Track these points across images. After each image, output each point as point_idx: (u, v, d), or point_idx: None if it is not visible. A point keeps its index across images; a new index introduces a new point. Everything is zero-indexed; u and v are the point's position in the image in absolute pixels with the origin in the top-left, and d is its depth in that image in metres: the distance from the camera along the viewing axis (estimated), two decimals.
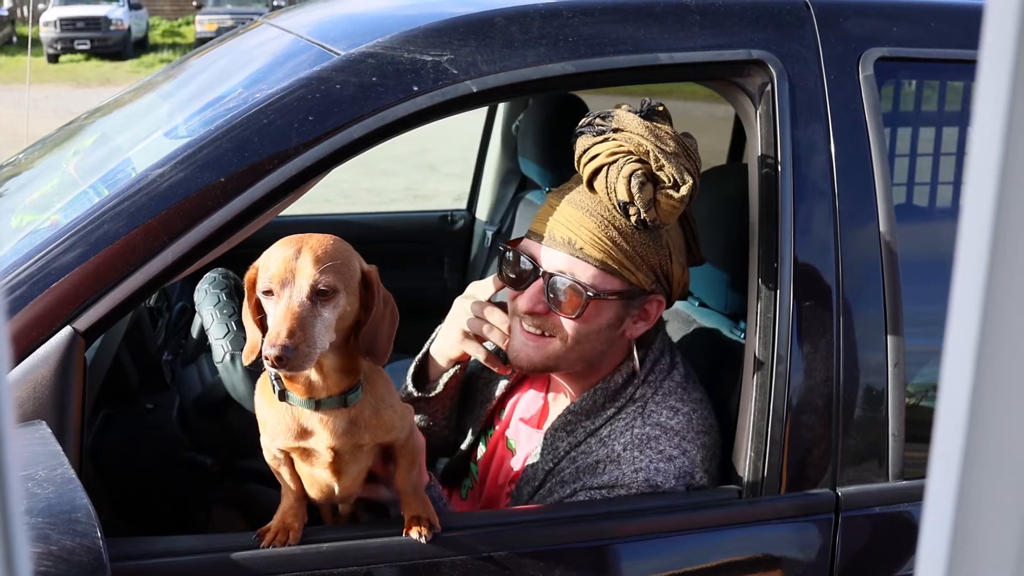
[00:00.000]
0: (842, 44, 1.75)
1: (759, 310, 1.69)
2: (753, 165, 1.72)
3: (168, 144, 1.71)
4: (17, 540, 0.38)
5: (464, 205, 3.90)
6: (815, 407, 1.68)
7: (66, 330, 1.47)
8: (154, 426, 2.10)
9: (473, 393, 1.98)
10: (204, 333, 1.98)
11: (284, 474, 1.54)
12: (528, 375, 1.90)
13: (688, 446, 1.67)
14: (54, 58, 22.88)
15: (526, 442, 1.84)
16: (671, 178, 1.59)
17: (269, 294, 1.39)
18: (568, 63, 1.65)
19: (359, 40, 1.67)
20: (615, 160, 1.61)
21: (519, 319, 1.71)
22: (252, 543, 1.48)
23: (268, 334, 1.34)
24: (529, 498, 1.74)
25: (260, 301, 1.42)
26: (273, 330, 1.33)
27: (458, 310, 1.83)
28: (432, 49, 1.63)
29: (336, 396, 1.45)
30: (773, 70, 1.70)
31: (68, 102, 14.30)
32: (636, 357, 1.72)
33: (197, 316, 2.08)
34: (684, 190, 1.59)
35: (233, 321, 1.91)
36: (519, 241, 1.75)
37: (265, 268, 1.40)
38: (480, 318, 1.78)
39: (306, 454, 1.49)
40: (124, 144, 2.05)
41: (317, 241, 1.40)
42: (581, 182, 1.68)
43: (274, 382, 1.47)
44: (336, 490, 1.54)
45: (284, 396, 1.46)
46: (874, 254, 1.71)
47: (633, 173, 1.59)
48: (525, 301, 1.68)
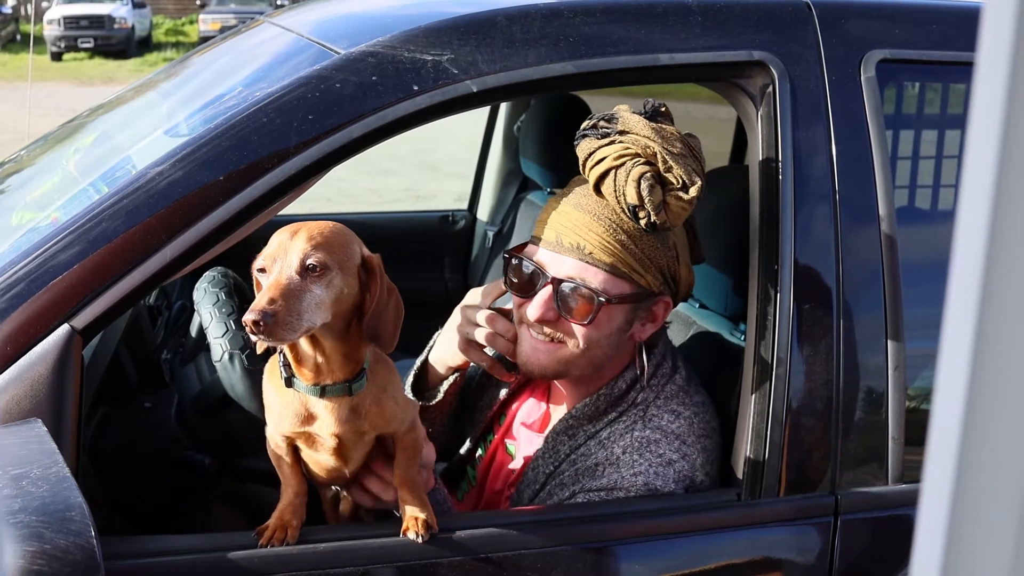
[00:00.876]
0: (844, 46, 1.74)
1: (759, 312, 1.68)
2: (754, 167, 1.71)
3: (169, 142, 1.70)
4: None
5: (465, 205, 3.90)
6: (815, 410, 1.68)
7: (64, 328, 1.47)
8: (153, 425, 2.09)
9: (472, 398, 1.96)
10: (203, 332, 1.98)
11: (285, 467, 1.55)
12: (529, 381, 1.89)
13: (688, 450, 1.67)
14: (58, 56, 22.89)
15: (527, 446, 1.83)
16: (680, 180, 1.58)
17: (263, 272, 1.41)
18: (569, 63, 1.64)
19: (359, 39, 1.67)
20: (622, 163, 1.59)
21: (527, 327, 1.69)
22: (249, 542, 1.48)
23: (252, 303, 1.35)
24: (529, 501, 1.73)
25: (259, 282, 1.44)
26: (257, 299, 1.35)
27: (459, 318, 1.80)
28: (432, 48, 1.62)
29: (341, 383, 1.46)
30: (774, 71, 1.70)
31: (71, 100, 14.32)
32: (644, 360, 1.70)
33: (196, 315, 2.08)
34: (693, 191, 1.58)
35: (232, 320, 1.91)
36: (523, 247, 1.72)
37: (264, 250, 1.43)
38: (482, 326, 1.74)
39: (310, 440, 1.51)
40: (125, 142, 2.05)
41: (315, 224, 1.44)
42: (583, 184, 1.67)
43: (282, 368, 1.48)
44: (347, 472, 1.55)
45: (291, 383, 1.47)
46: (875, 257, 1.70)
47: (642, 176, 1.57)
48: (535, 310, 1.65)
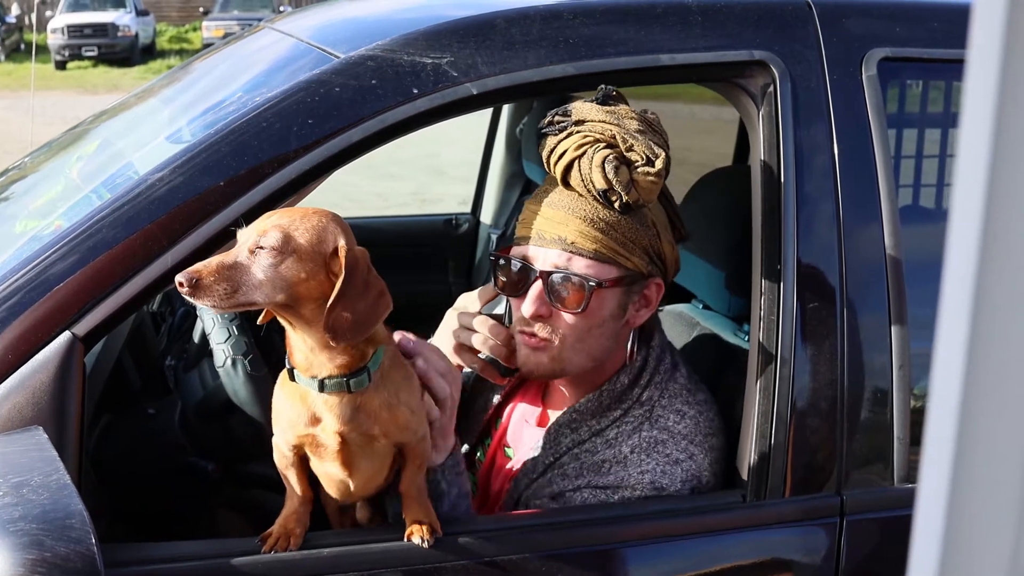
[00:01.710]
0: (845, 44, 1.74)
1: (762, 312, 1.67)
2: (755, 166, 1.71)
3: (171, 148, 1.70)
4: None
5: (469, 209, 3.90)
6: (819, 410, 1.67)
7: (65, 335, 1.47)
8: (156, 431, 2.09)
9: (467, 403, 1.95)
10: (206, 337, 1.97)
11: (291, 476, 1.54)
12: (524, 383, 1.89)
13: (695, 450, 1.67)
14: (62, 65, 22.95)
15: (525, 441, 1.82)
16: (643, 156, 1.59)
17: None
18: (569, 65, 1.64)
19: (359, 43, 1.67)
20: (583, 152, 1.61)
21: (523, 328, 1.69)
22: (253, 548, 1.47)
23: None
24: (527, 488, 1.72)
25: None
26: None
27: (450, 322, 1.80)
28: (432, 51, 1.62)
29: (338, 378, 1.44)
30: (775, 71, 1.69)
31: (76, 109, 14.34)
32: (633, 347, 1.71)
33: (199, 320, 2.08)
34: (659, 163, 1.59)
35: (234, 325, 1.91)
36: (508, 249, 1.73)
37: None
38: (475, 329, 1.74)
39: (316, 447, 1.49)
40: (127, 148, 2.05)
41: (297, 209, 1.43)
42: (556, 184, 1.68)
43: (286, 361, 1.47)
44: (351, 486, 1.53)
45: (293, 375, 1.46)
46: (878, 256, 1.69)
47: (605, 159, 1.58)
48: (528, 305, 1.66)
